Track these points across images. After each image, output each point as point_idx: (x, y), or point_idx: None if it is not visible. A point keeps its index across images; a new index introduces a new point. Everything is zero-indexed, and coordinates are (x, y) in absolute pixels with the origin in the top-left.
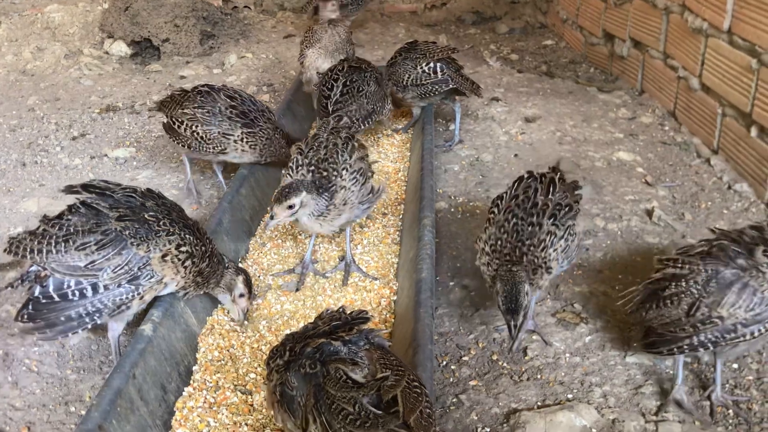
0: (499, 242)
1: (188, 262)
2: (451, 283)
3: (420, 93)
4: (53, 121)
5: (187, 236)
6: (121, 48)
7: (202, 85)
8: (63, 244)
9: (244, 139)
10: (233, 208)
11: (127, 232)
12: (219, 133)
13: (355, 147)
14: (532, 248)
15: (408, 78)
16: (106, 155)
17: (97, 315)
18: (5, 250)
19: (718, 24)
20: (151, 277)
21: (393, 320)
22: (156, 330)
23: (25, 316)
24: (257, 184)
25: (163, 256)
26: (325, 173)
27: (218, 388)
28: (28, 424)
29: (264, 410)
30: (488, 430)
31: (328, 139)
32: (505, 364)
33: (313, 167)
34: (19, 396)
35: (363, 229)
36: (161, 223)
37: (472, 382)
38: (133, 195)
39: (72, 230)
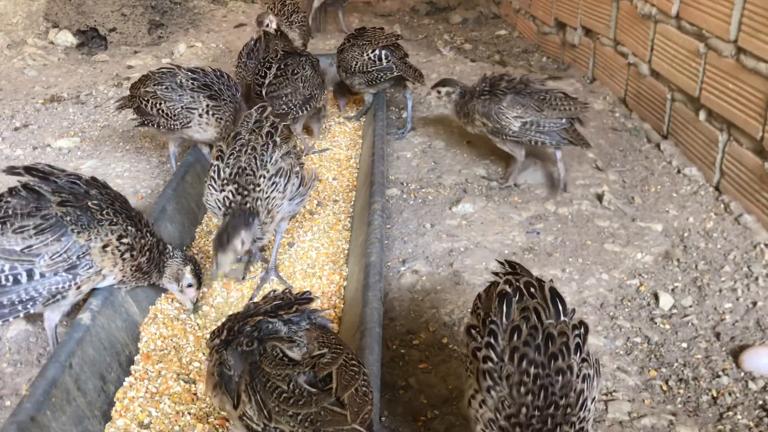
0: (523, 411)
1: (127, 255)
2: (403, 269)
3: (367, 80)
4: None
5: (130, 228)
6: (66, 38)
7: (164, 66)
8: None
9: (210, 112)
10: (178, 196)
11: (68, 219)
12: (182, 107)
13: (277, 144)
14: (569, 410)
15: (355, 64)
16: (49, 145)
17: (31, 303)
18: None
19: (667, 9)
20: (90, 267)
21: (342, 306)
22: (94, 319)
23: None
24: (204, 171)
25: (104, 246)
26: (245, 193)
27: (160, 378)
28: None
29: (208, 399)
30: (437, 412)
31: (249, 140)
32: (455, 348)
33: (235, 184)
34: None
35: (313, 216)
36: (104, 212)
37: (422, 366)
38: (77, 182)
39: (10, 212)
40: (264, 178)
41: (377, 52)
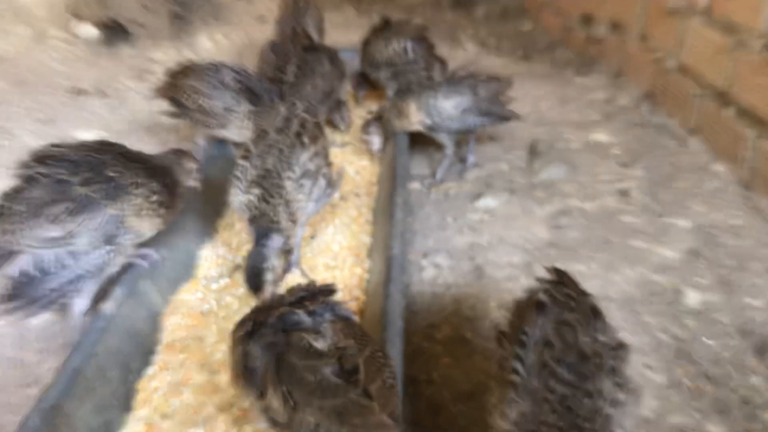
0: (543, 430)
1: (162, 210)
2: (424, 262)
3: (392, 72)
4: (19, 105)
5: (154, 183)
6: (89, 30)
7: (209, 62)
8: (33, 219)
9: (250, 117)
10: (201, 189)
11: (96, 195)
12: (224, 108)
13: (305, 145)
14: None
15: (380, 57)
16: (73, 137)
17: (80, 281)
18: None
19: (696, 3)
20: (129, 234)
21: (364, 299)
22: (118, 309)
23: (6, 297)
24: (227, 164)
25: (138, 211)
26: (269, 199)
27: (183, 368)
28: None
29: (230, 389)
30: (461, 407)
31: (277, 141)
32: (478, 342)
33: (260, 188)
34: None
35: (335, 209)
36: (125, 176)
37: (444, 360)
38: (90, 153)
39: (39, 203)
40: (290, 179)
41: (403, 44)
